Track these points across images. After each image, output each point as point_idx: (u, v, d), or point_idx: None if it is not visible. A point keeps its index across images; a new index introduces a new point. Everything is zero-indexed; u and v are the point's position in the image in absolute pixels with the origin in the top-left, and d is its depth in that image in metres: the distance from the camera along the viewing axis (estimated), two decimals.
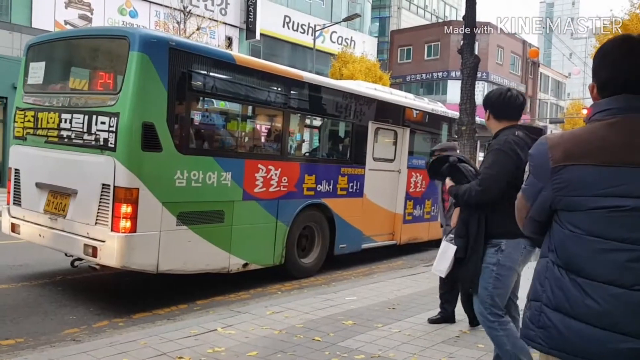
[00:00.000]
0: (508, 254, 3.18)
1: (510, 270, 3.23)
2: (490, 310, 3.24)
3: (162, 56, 5.31)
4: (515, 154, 3.17)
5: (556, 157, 1.76)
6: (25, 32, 18.43)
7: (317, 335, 4.50)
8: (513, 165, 3.16)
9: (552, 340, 1.76)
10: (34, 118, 6.03)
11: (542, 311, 1.80)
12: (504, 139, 3.22)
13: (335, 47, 31.58)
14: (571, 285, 1.73)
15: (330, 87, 7.86)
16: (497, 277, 3.21)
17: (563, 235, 1.78)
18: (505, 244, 3.18)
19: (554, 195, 1.79)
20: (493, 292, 3.23)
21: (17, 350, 4.09)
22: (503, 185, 3.14)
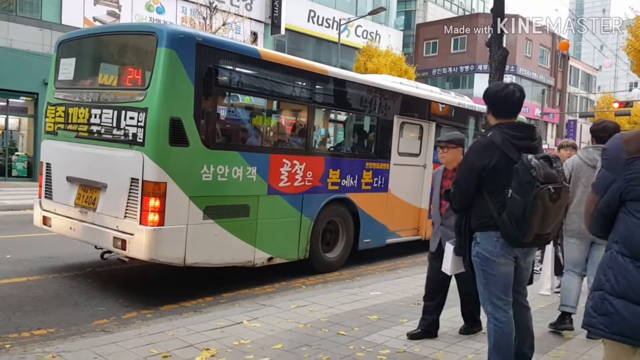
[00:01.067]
0: (483, 245, 3.28)
1: (490, 261, 3.27)
2: (489, 300, 3.32)
3: (189, 52, 5.36)
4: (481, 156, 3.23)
5: (631, 149, 1.95)
6: (55, 29, 18.81)
7: (341, 330, 4.51)
8: (479, 164, 3.21)
9: (615, 326, 1.91)
10: (64, 113, 6.16)
11: (604, 299, 1.95)
12: (477, 140, 3.45)
13: (360, 41, 31.41)
14: (636, 273, 1.88)
15: (355, 81, 7.83)
16: (483, 268, 3.31)
17: (631, 224, 1.93)
18: (480, 236, 3.30)
19: (626, 186, 1.95)
20: (486, 283, 3.32)
21: (48, 340, 4.21)
22: (469, 183, 3.26)
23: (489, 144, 3.22)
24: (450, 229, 3.98)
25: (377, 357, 3.94)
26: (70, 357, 3.66)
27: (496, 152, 3.17)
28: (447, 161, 4.34)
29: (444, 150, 4.30)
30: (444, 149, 4.29)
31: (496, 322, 3.29)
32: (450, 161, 4.31)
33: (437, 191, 4.40)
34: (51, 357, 3.64)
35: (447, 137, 4.36)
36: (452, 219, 3.87)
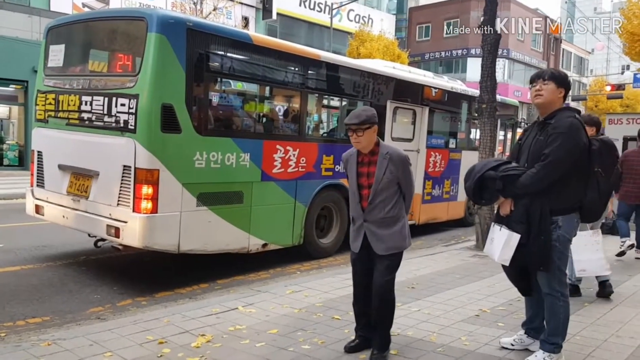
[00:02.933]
0: (565, 228, 3.43)
1: (569, 242, 3.51)
2: (559, 279, 3.49)
3: (180, 37, 5.30)
4: (583, 134, 3.39)
5: None
6: (43, 16, 18.57)
7: (336, 314, 4.54)
8: (583, 143, 3.36)
9: None
10: (55, 101, 6.10)
11: None
12: (571, 120, 3.37)
13: (353, 26, 31.20)
14: None
15: (347, 66, 7.79)
16: (562, 250, 3.45)
17: None
18: (562, 219, 3.42)
19: None
20: (559, 264, 3.46)
21: (43, 328, 4.21)
22: (575, 161, 3.34)
23: (581, 125, 3.41)
24: (376, 225, 3.51)
25: None
26: (66, 344, 3.67)
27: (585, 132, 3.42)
28: (364, 145, 3.51)
29: (357, 134, 3.44)
30: (358, 133, 3.44)
31: (564, 299, 3.50)
32: (367, 144, 3.51)
33: (354, 180, 3.59)
34: (46, 344, 3.64)
35: (358, 118, 3.44)
36: (377, 212, 3.49)
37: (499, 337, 4.08)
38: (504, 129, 11.92)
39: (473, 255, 7.54)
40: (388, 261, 3.51)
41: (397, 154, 3.51)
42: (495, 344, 3.96)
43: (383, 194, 3.48)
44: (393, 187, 3.49)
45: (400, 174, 3.49)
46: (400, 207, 3.55)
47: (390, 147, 3.55)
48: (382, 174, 3.47)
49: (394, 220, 3.51)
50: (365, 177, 3.55)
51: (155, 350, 3.63)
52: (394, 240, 3.50)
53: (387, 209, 3.49)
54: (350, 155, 3.67)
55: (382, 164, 3.48)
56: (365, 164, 3.58)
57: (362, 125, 3.44)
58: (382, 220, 3.50)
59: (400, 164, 3.49)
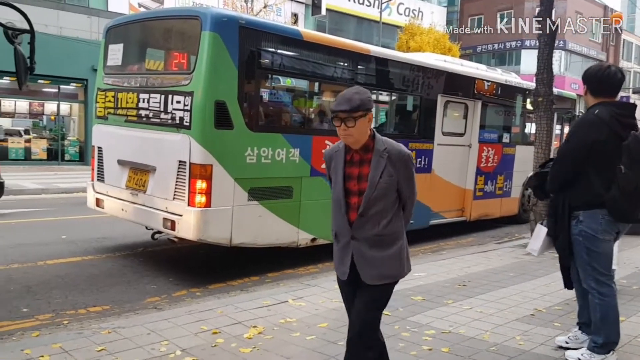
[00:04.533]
0: (587, 223, 3.41)
1: (594, 239, 3.40)
2: (593, 276, 3.45)
3: (233, 35, 5.41)
4: (591, 131, 3.36)
5: None
6: (102, 16, 19.29)
7: (386, 310, 4.48)
8: (590, 139, 3.34)
9: None
10: (114, 98, 6.35)
11: None
12: (583, 116, 3.51)
13: (402, 19, 30.83)
14: None
15: (397, 60, 7.72)
16: (587, 246, 3.43)
17: None
18: (583, 214, 3.42)
19: None
20: (589, 260, 3.44)
21: (103, 317, 4.41)
22: (577, 158, 3.39)
23: (597, 120, 3.34)
24: (368, 244, 2.63)
25: (422, 337, 3.94)
26: (125, 332, 3.83)
27: (604, 128, 3.32)
28: (355, 139, 2.61)
29: (347, 124, 2.55)
30: (348, 122, 2.55)
31: (601, 297, 3.43)
32: (359, 137, 2.61)
33: (340, 184, 2.67)
34: (107, 332, 3.81)
35: (349, 103, 2.55)
36: (370, 228, 2.62)
37: (556, 337, 3.96)
38: (561, 123, 11.50)
39: (527, 253, 7.32)
40: (378, 293, 2.68)
41: (398, 151, 2.64)
42: (552, 344, 3.85)
43: (379, 204, 2.60)
44: (392, 194, 2.64)
45: (402, 178, 2.64)
46: (400, 222, 2.71)
47: (389, 141, 2.67)
48: (379, 177, 2.59)
49: (391, 239, 2.65)
50: (355, 181, 2.65)
51: (210, 340, 3.73)
52: (389, 267, 2.65)
53: (384, 224, 2.62)
54: (336, 152, 2.74)
55: (379, 164, 2.60)
56: (355, 164, 2.67)
57: (354, 113, 2.53)
58: (377, 239, 2.62)
59: (402, 164, 2.63)
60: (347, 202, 2.68)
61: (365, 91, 2.63)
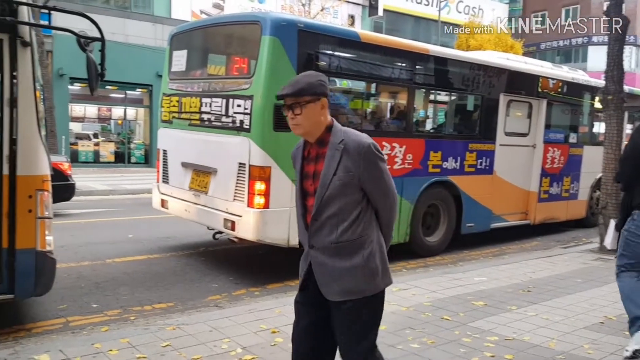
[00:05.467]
0: (638, 222, 3.65)
1: (636, 236, 3.67)
2: (617, 262, 3.89)
3: (292, 38, 5.47)
4: None
5: None
6: (166, 23, 20.01)
7: (446, 314, 4.44)
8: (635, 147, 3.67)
9: None
10: (178, 103, 6.57)
11: None
12: None
13: (462, 18, 30.17)
14: None
15: (457, 59, 7.57)
16: (627, 240, 3.76)
17: None
18: (637, 214, 3.66)
19: None
20: (620, 251, 3.83)
21: (168, 313, 4.57)
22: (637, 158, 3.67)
23: None
24: (326, 254, 2.25)
25: (484, 343, 3.84)
26: (188, 329, 3.95)
27: None
28: (305, 129, 2.26)
29: (294, 111, 2.21)
30: (295, 109, 2.21)
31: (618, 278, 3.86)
32: (310, 128, 2.25)
33: (298, 184, 2.38)
34: (171, 329, 3.95)
35: (293, 87, 2.21)
36: (326, 234, 2.24)
37: (626, 347, 3.75)
38: (632, 122, 10.89)
39: (596, 259, 7.00)
40: (350, 315, 2.23)
41: (357, 142, 2.20)
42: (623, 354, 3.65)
43: (333, 205, 2.21)
44: (351, 194, 2.22)
45: (364, 174, 2.20)
46: (367, 227, 2.26)
47: (350, 132, 2.27)
48: (332, 173, 2.20)
49: (354, 247, 2.22)
50: (311, 180, 2.29)
51: (269, 339, 3.79)
52: (352, 280, 2.22)
53: (342, 229, 2.21)
54: (297, 148, 2.42)
55: (332, 158, 2.21)
56: (311, 160, 2.32)
57: (299, 98, 2.19)
58: (335, 247, 2.22)
59: (362, 157, 2.18)
60: (304, 204, 2.34)
61: (316, 74, 2.29)
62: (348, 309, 2.23)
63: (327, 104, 2.25)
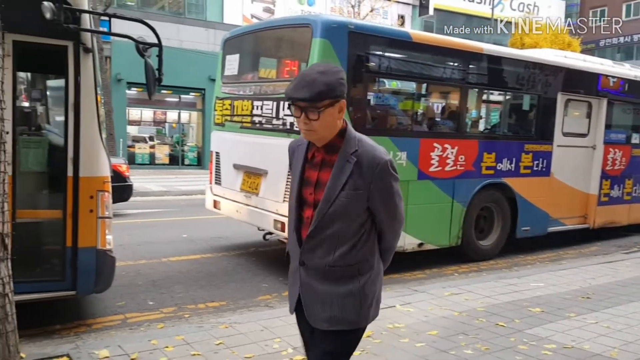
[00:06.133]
0: None
1: None
2: None
3: (342, 40, 5.47)
4: None
5: None
6: (218, 28, 20.45)
7: (500, 321, 4.32)
8: None
9: None
10: (230, 106, 6.70)
11: None
12: None
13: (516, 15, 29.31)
14: None
15: (512, 57, 7.38)
16: None
17: None
18: None
19: None
20: None
21: (220, 312, 4.67)
22: None
23: None
24: (318, 276, 1.99)
25: (541, 351, 3.70)
26: (240, 328, 4.01)
27: None
28: (321, 135, 1.94)
29: (309, 115, 1.88)
30: (310, 114, 1.88)
31: None
32: (325, 133, 1.94)
33: (295, 190, 2.06)
34: (224, 327, 4.02)
35: (311, 90, 1.84)
36: (322, 254, 1.97)
37: None
38: None
39: None
40: (332, 344, 2.02)
41: (372, 156, 1.92)
42: None
43: (335, 225, 1.94)
44: (356, 215, 1.96)
45: (376, 195, 1.94)
46: (369, 252, 2.02)
47: (366, 142, 1.98)
48: (339, 188, 1.92)
49: (350, 273, 1.98)
50: (312, 188, 2.00)
51: None
52: (344, 308, 1.97)
53: (340, 252, 1.95)
54: (299, 146, 2.10)
55: (342, 170, 1.93)
56: (315, 165, 2.02)
57: (316, 103, 1.86)
58: (329, 270, 1.98)
59: (376, 175, 1.91)
60: (300, 214, 2.05)
61: (335, 70, 1.90)
62: (333, 339, 2.00)
63: (345, 106, 1.93)
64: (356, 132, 2.00)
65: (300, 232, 2.04)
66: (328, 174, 1.95)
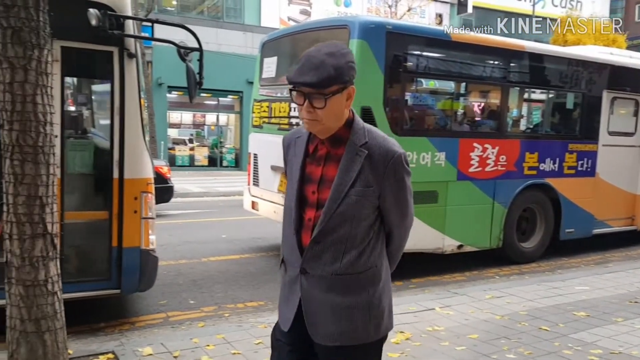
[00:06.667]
0: None
1: None
2: None
3: (380, 41, 5.46)
4: None
5: None
6: (255, 32, 20.69)
7: (544, 325, 4.21)
8: None
9: None
10: (268, 108, 6.77)
11: None
12: None
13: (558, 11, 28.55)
14: None
15: (555, 55, 7.20)
16: None
17: None
18: None
19: None
20: None
21: (259, 312, 4.71)
22: None
23: None
24: (324, 285, 1.75)
25: (587, 357, 3.59)
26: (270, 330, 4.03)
27: None
28: (325, 127, 1.71)
29: (315, 102, 1.65)
30: (315, 101, 1.65)
31: None
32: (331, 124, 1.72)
33: (294, 188, 1.82)
34: (263, 327, 4.05)
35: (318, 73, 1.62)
36: (328, 260, 1.73)
37: None
38: None
39: None
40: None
41: (385, 149, 1.72)
42: None
43: (343, 226, 1.72)
44: (367, 215, 1.74)
45: (387, 189, 1.74)
46: (378, 256, 1.81)
47: (376, 133, 1.77)
48: (349, 185, 1.70)
49: (362, 282, 1.76)
50: (315, 186, 1.77)
51: None
52: (352, 321, 1.75)
53: (350, 258, 1.73)
54: (298, 138, 1.87)
55: (351, 165, 1.71)
56: (319, 160, 1.79)
57: (323, 89, 1.63)
58: (337, 280, 1.74)
59: (388, 169, 1.71)
60: (300, 215, 1.80)
61: (345, 52, 1.69)
62: (333, 353, 1.76)
63: (354, 93, 1.71)
64: (362, 122, 1.78)
65: (301, 237, 1.79)
66: (334, 170, 1.73)
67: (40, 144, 2.81)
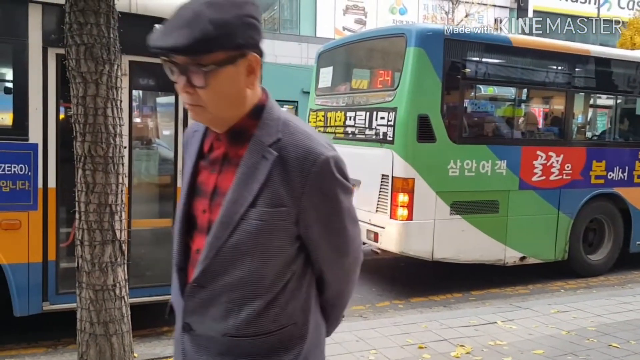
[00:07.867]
0: None
1: None
2: None
3: (437, 48, 5.40)
4: None
5: None
6: (311, 42, 20.93)
7: (613, 341, 4.00)
8: None
9: None
10: (324, 117, 6.82)
11: None
12: None
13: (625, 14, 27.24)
14: None
15: (623, 59, 6.88)
16: None
17: None
18: None
19: None
20: None
21: None
22: None
23: None
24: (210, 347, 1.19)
25: None
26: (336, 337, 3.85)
27: None
28: (212, 115, 1.17)
29: (192, 77, 1.11)
30: (192, 76, 1.12)
31: None
32: (226, 110, 1.17)
33: (182, 201, 1.27)
34: None
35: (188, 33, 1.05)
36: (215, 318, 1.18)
37: None
38: None
39: None
40: None
41: (305, 150, 1.14)
42: None
43: (239, 265, 1.16)
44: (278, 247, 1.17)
45: (310, 212, 1.17)
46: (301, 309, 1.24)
47: (297, 126, 1.20)
48: (247, 203, 1.15)
49: (270, 345, 1.19)
50: (207, 200, 1.23)
51: (416, 354, 3.73)
52: None
53: (250, 313, 1.17)
54: (195, 132, 1.32)
55: (253, 171, 1.16)
56: (214, 164, 1.25)
57: (198, 56, 1.10)
58: (231, 342, 1.18)
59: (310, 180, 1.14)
60: (187, 245, 1.27)
61: (238, 2, 1.14)
62: None
63: (259, 65, 1.18)
64: (282, 110, 1.24)
65: (187, 276, 1.23)
66: (231, 176, 1.17)
67: (110, 155, 2.96)
